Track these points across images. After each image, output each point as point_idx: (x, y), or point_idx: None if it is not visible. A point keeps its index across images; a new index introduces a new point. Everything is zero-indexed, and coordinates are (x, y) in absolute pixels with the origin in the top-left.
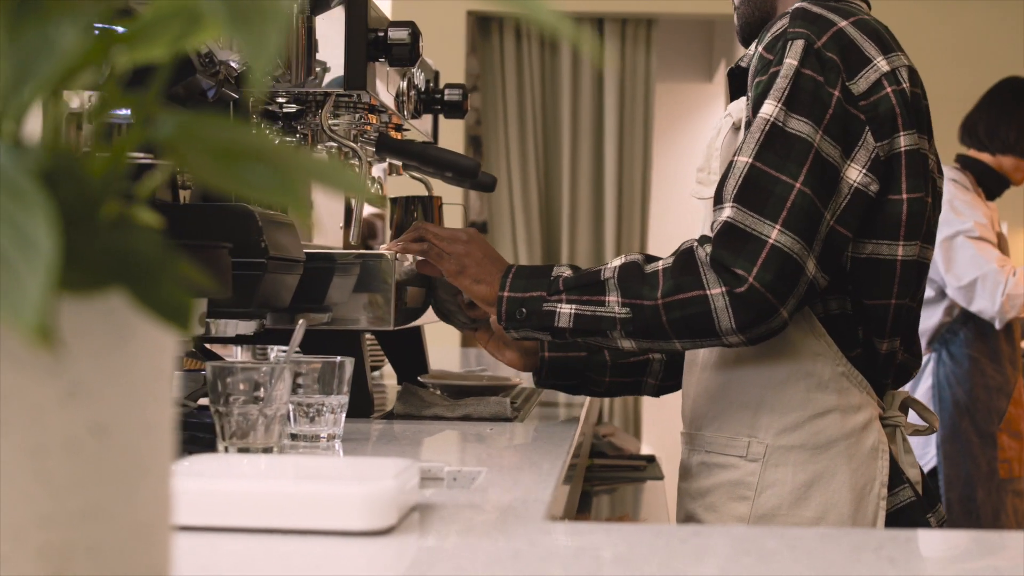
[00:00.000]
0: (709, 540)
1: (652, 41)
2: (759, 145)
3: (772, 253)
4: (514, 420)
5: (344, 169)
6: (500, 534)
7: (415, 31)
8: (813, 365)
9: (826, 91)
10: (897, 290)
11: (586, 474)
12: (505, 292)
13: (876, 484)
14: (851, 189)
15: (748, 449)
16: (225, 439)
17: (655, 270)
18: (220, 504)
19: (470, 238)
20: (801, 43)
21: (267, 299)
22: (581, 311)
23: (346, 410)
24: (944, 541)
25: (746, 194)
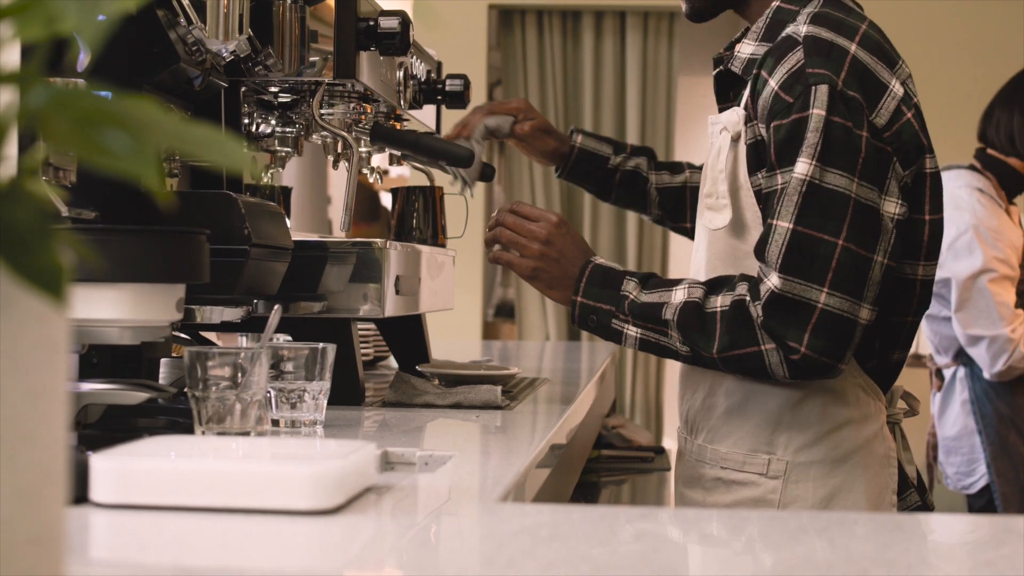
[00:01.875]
0: (655, 523)
1: (675, 34)
2: (798, 208)
3: (822, 318)
4: (504, 408)
5: (226, 142)
6: (447, 515)
7: (405, 20)
8: (832, 381)
9: (855, 135)
10: (915, 308)
11: (594, 465)
12: (579, 298)
13: (888, 492)
14: (893, 223)
15: (768, 467)
16: (202, 424)
17: (713, 313)
18: (168, 483)
19: (549, 236)
20: (825, 89)
21: (252, 286)
22: (646, 337)
23: (328, 396)
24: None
25: (791, 261)
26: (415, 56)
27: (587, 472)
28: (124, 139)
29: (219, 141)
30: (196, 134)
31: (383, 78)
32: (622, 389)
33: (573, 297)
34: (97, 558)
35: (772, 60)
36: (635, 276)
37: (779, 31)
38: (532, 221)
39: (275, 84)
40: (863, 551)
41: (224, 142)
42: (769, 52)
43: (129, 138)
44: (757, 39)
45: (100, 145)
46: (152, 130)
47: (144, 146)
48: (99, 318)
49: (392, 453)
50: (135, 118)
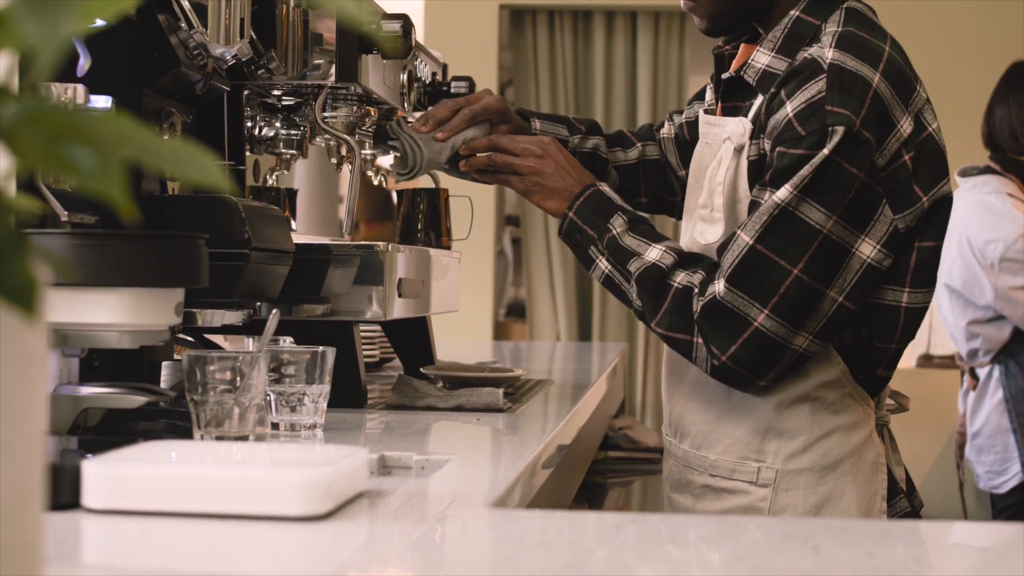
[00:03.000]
0: (643, 528)
1: (686, 34)
2: (764, 228)
3: (754, 335)
4: (506, 411)
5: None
6: (435, 521)
7: (407, 24)
8: (821, 390)
9: (850, 176)
10: (899, 335)
11: (600, 467)
12: (571, 213)
13: (878, 498)
14: (863, 265)
15: (758, 475)
16: (200, 428)
17: (670, 286)
18: (158, 489)
19: (543, 151)
20: (841, 131)
21: (253, 290)
22: (612, 275)
23: (328, 399)
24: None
25: (740, 275)
26: (419, 58)
27: (594, 473)
28: (91, 156)
29: (192, 156)
30: (169, 149)
31: (386, 81)
32: (632, 390)
33: (566, 211)
34: (84, 563)
35: (794, 84)
36: (627, 215)
37: (798, 44)
38: (526, 143)
39: (278, 87)
40: (847, 558)
41: (197, 157)
42: (792, 73)
43: (96, 155)
44: (773, 49)
45: (67, 162)
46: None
47: (110, 163)
48: (98, 322)
49: (389, 457)
50: (104, 135)
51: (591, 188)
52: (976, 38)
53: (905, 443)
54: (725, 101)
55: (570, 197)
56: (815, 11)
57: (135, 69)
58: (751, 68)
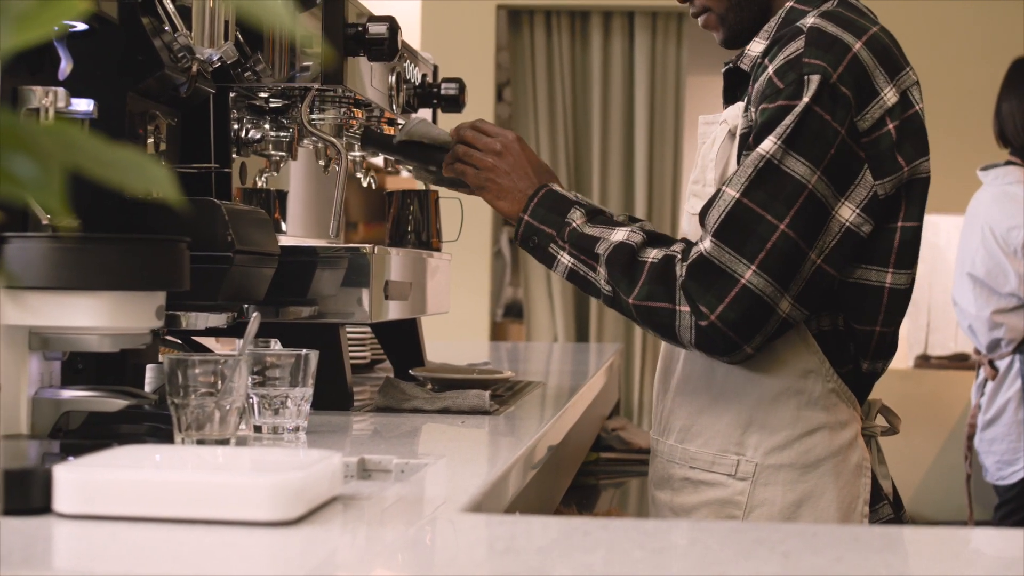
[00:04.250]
0: (612, 533)
1: (683, 34)
2: (749, 181)
3: (742, 293)
4: (492, 413)
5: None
6: (407, 526)
7: (393, 26)
8: (804, 382)
9: (832, 129)
10: (884, 317)
11: (593, 468)
12: (526, 216)
13: (860, 502)
14: (842, 228)
15: (737, 468)
16: (182, 431)
17: (643, 262)
18: (129, 494)
19: (503, 148)
20: (817, 79)
21: (237, 292)
22: (575, 268)
23: (311, 402)
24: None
25: (727, 230)
26: (408, 60)
27: (586, 475)
28: (29, 166)
29: (140, 164)
30: (116, 157)
31: (374, 83)
32: (629, 391)
33: (520, 215)
34: (53, 567)
35: (776, 49)
36: (584, 207)
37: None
38: (490, 136)
39: (265, 90)
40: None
41: (145, 166)
42: (773, 42)
43: (35, 165)
44: (768, 37)
45: (4, 171)
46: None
47: (50, 173)
48: (78, 325)
49: (369, 461)
50: (45, 144)
51: (544, 188)
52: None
53: (902, 443)
54: (728, 100)
55: (523, 199)
56: (810, 1)
57: (119, 72)
58: (747, 57)
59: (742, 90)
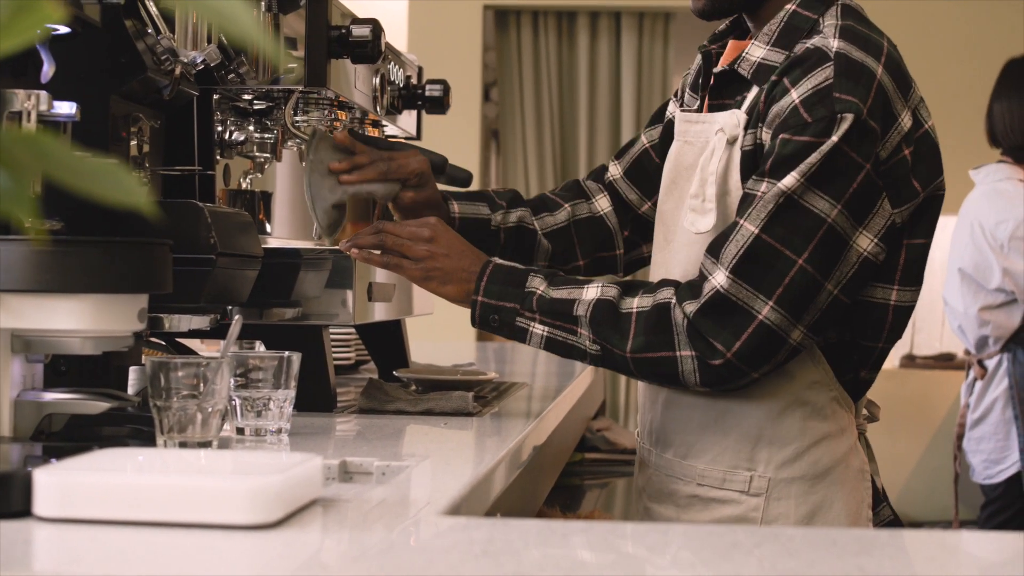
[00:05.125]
0: (590, 537)
1: (670, 34)
2: (769, 216)
3: (758, 329)
4: (475, 415)
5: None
6: (385, 530)
7: (377, 28)
8: (809, 393)
9: (856, 165)
10: (887, 334)
11: (577, 469)
12: (479, 297)
13: (864, 507)
14: (860, 258)
15: (750, 484)
16: (164, 433)
17: (629, 313)
18: (109, 497)
19: (433, 234)
20: (851, 119)
21: (220, 294)
22: (553, 335)
23: (293, 404)
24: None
25: (745, 266)
26: (392, 62)
27: (570, 475)
28: (2, 177)
29: (113, 174)
30: (88, 167)
31: (358, 85)
32: (615, 392)
33: (474, 296)
34: (32, 570)
35: (799, 71)
36: (540, 272)
37: (794, 38)
38: (412, 225)
39: (248, 92)
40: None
41: (119, 176)
42: (795, 61)
43: (8, 177)
44: (769, 43)
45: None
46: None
47: (22, 186)
48: (60, 328)
49: (351, 463)
50: (19, 155)
51: (490, 264)
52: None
53: (887, 443)
54: (713, 99)
55: (471, 279)
56: (812, 6)
57: (102, 75)
58: (745, 61)
59: (731, 91)
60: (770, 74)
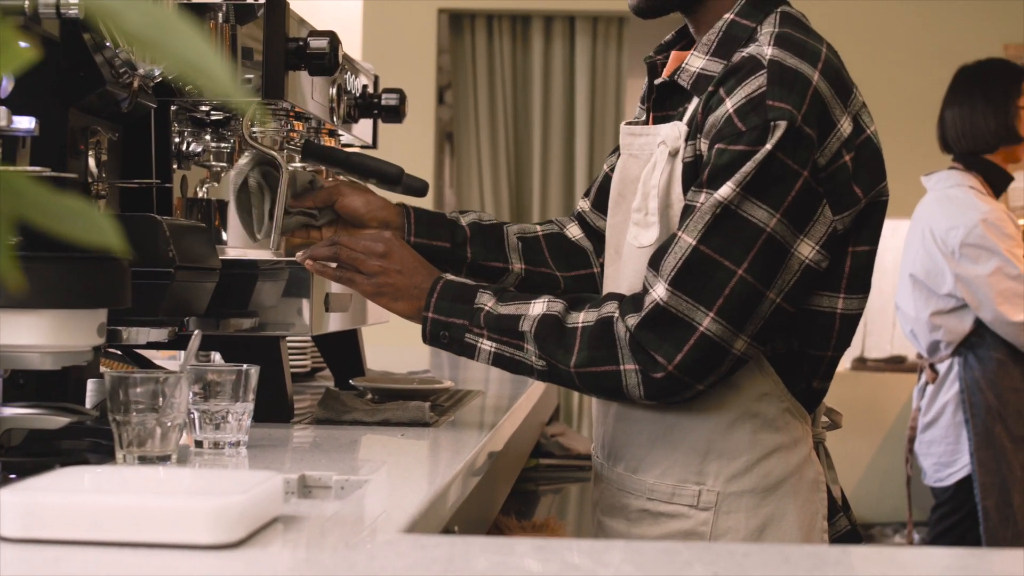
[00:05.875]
0: (550, 554)
1: (624, 38)
2: (707, 227)
3: (700, 340)
4: (432, 425)
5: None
6: (345, 548)
7: (334, 40)
8: (759, 405)
9: (793, 172)
10: (835, 342)
11: (532, 474)
12: (430, 313)
13: (819, 518)
14: (802, 266)
15: (699, 498)
16: (123, 448)
17: (574, 328)
18: (73, 517)
19: (387, 249)
20: (784, 125)
21: (179, 307)
22: (501, 351)
23: (251, 417)
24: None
25: (684, 278)
26: (349, 71)
27: (525, 481)
28: None
29: (84, 214)
30: (59, 206)
31: (315, 96)
32: (569, 396)
33: (424, 313)
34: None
35: (733, 81)
36: (489, 289)
37: (732, 47)
38: (367, 240)
39: (206, 103)
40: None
41: (91, 216)
42: (730, 71)
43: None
44: (708, 53)
45: None
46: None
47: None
48: (19, 344)
49: (309, 477)
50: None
51: (440, 281)
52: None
53: (839, 445)
54: (656, 110)
55: (422, 295)
56: (749, 14)
57: (60, 89)
58: (685, 72)
59: (674, 102)
60: (708, 84)
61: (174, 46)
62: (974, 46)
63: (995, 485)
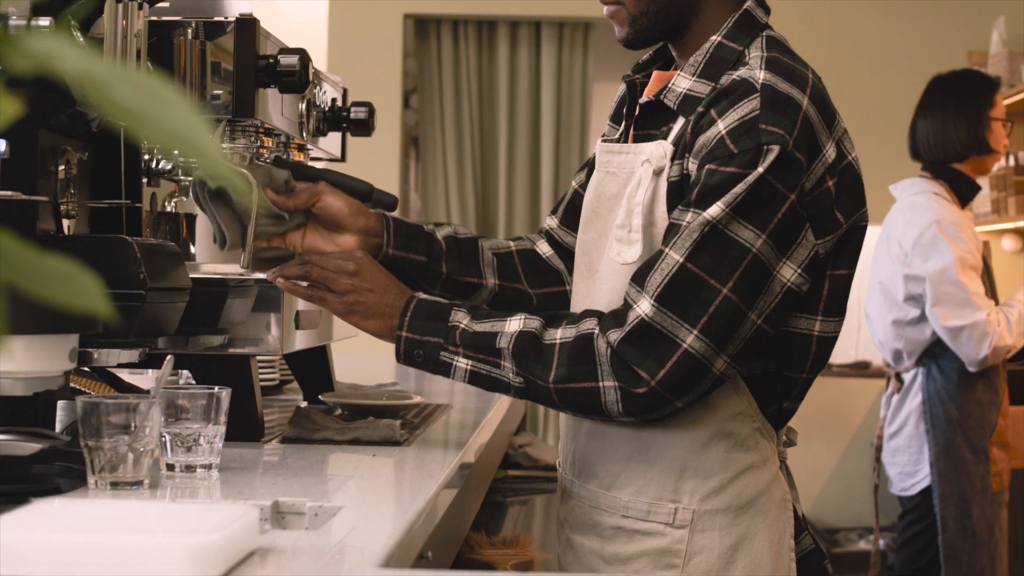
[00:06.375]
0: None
1: (589, 44)
2: (694, 245)
3: (682, 357)
4: (403, 443)
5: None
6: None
7: (304, 58)
8: (733, 424)
9: (781, 195)
10: (810, 365)
11: (500, 486)
12: (404, 332)
13: (787, 536)
14: (783, 288)
15: (675, 516)
16: (95, 473)
17: (552, 344)
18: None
19: (358, 268)
20: (777, 150)
21: (149, 328)
22: (477, 368)
23: (223, 439)
24: None
25: (670, 294)
26: (318, 85)
27: (493, 492)
28: None
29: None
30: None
31: (285, 112)
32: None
33: (398, 332)
34: None
35: (726, 102)
36: (463, 307)
37: (720, 69)
38: (338, 258)
39: None
40: None
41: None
42: (722, 92)
43: None
44: (695, 74)
45: None
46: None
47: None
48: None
49: (283, 504)
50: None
51: (413, 299)
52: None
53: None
54: (638, 129)
55: (395, 314)
56: (736, 37)
57: (31, 110)
58: (671, 92)
59: (656, 121)
60: (696, 105)
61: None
62: (939, 53)
63: (954, 496)
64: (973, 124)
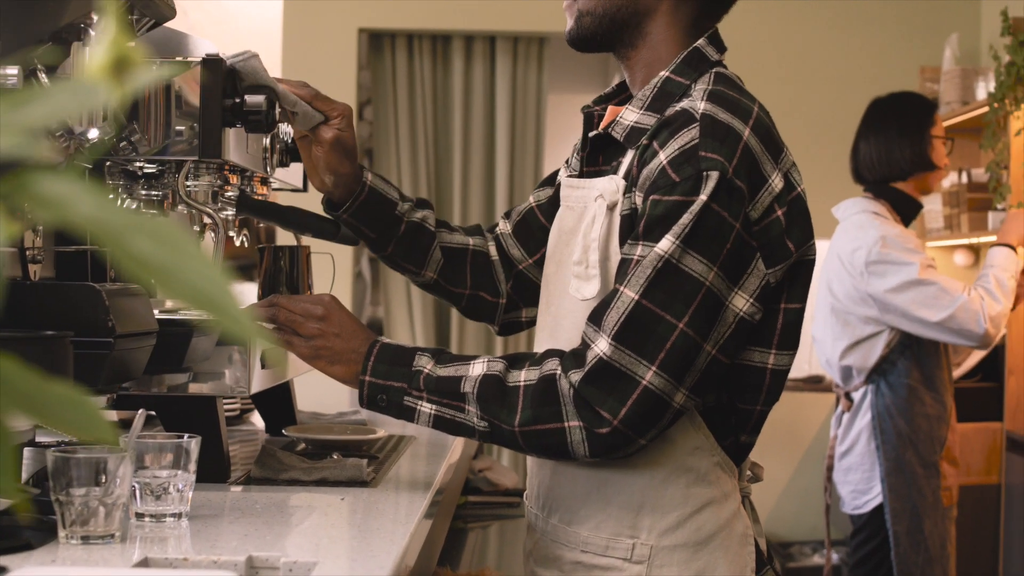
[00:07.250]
0: None
1: (544, 58)
2: (648, 282)
3: (642, 395)
4: (370, 483)
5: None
6: None
7: (271, 97)
8: (691, 459)
9: (728, 224)
10: (764, 397)
11: (460, 512)
12: (367, 377)
13: (747, 571)
14: (736, 318)
15: (632, 551)
16: (66, 527)
17: (516, 387)
18: None
19: (325, 312)
20: (716, 176)
21: (117, 374)
22: (441, 413)
23: (193, 487)
24: None
25: (627, 332)
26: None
27: (455, 519)
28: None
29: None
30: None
31: (249, 149)
32: None
33: (361, 376)
34: None
35: (666, 133)
36: (427, 351)
37: (667, 103)
38: (306, 302)
39: (140, 159)
40: None
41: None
42: (663, 124)
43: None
44: (643, 107)
45: None
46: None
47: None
48: None
49: (256, 559)
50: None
51: (377, 344)
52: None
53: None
54: (589, 164)
55: (359, 359)
56: (684, 72)
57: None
58: (619, 125)
59: (608, 155)
60: (641, 137)
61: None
62: (890, 69)
63: (906, 511)
64: (916, 142)
